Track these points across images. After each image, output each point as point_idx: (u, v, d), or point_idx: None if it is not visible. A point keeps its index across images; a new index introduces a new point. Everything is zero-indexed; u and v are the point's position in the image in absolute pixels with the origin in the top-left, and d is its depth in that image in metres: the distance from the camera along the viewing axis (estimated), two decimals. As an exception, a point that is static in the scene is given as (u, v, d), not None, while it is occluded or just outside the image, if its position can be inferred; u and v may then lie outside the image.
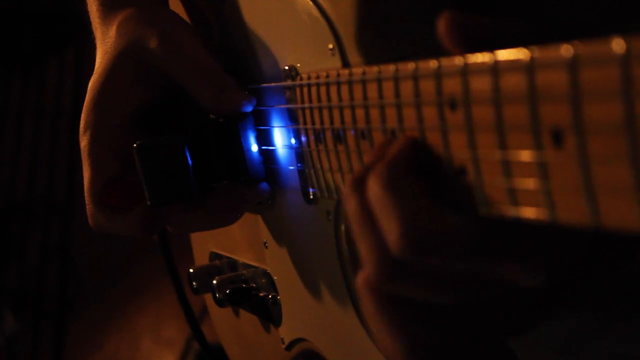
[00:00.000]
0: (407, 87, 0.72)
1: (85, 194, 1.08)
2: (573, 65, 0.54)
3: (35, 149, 3.63)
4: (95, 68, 1.09)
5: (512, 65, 0.60)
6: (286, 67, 0.97)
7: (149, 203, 1.03)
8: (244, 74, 1.07)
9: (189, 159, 1.03)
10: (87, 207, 1.08)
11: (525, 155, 0.60)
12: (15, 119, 3.67)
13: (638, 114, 0.50)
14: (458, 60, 0.66)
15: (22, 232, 3.66)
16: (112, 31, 1.09)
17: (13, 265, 3.57)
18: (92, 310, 3.21)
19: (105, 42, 1.09)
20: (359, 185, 0.73)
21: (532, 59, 0.58)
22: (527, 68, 0.58)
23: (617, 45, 0.51)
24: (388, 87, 0.75)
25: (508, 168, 0.62)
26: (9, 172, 3.77)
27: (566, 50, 0.54)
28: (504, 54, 0.61)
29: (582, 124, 0.54)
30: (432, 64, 0.69)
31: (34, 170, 3.66)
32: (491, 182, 0.64)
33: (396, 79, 0.74)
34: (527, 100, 0.58)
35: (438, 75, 0.68)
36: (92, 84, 1.08)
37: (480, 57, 0.63)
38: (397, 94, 0.74)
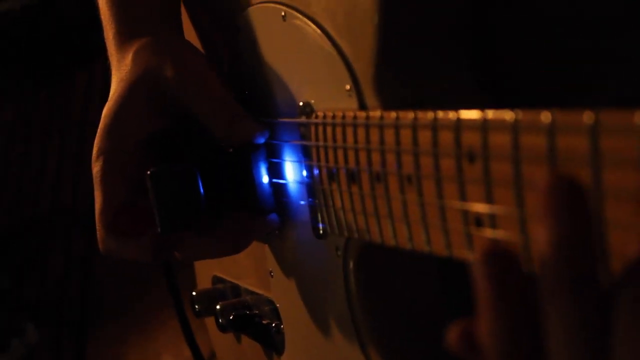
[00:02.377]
0: (425, 137, 0.74)
1: (96, 220, 1.09)
2: (594, 131, 0.55)
3: (60, 162, 3.64)
4: (110, 95, 1.11)
5: (533, 125, 0.61)
6: (301, 104, 0.99)
7: (159, 230, 1.05)
8: (257, 106, 1.09)
9: (200, 187, 1.04)
10: (97, 232, 1.10)
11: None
12: (42, 132, 3.68)
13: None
14: (478, 115, 0.67)
15: (45, 244, 3.66)
16: (128, 59, 1.10)
17: (35, 277, 3.58)
18: (113, 324, 3.22)
19: (120, 70, 1.11)
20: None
21: (553, 121, 0.59)
22: (549, 130, 0.59)
23: (638, 116, 0.52)
24: (406, 135, 0.77)
25: (523, 224, 0.63)
26: (34, 184, 3.78)
27: (588, 116, 0.56)
28: (525, 115, 0.62)
29: (601, 189, 0.56)
30: (452, 116, 0.70)
31: (58, 183, 3.67)
32: (507, 236, 0.65)
33: (414, 127, 0.75)
34: (547, 160, 0.60)
35: (457, 127, 0.69)
36: (106, 110, 1.10)
37: (500, 115, 0.65)
38: (415, 142, 0.75)
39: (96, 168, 1.09)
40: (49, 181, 3.61)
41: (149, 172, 1.04)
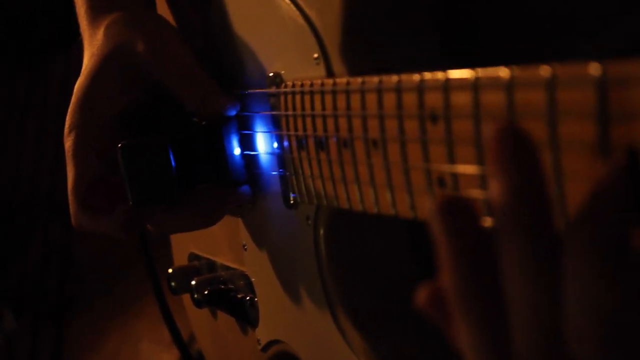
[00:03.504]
0: (390, 100, 0.75)
1: (69, 194, 1.10)
2: (550, 84, 0.56)
3: (38, 148, 3.61)
4: (82, 70, 1.11)
5: (493, 82, 0.62)
6: (271, 74, 0.99)
7: (131, 203, 1.05)
8: (229, 79, 1.09)
9: (172, 160, 1.04)
10: (70, 206, 1.10)
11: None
12: (20, 117, 3.66)
13: (613, 137, 0.52)
14: (440, 76, 0.68)
15: (23, 231, 3.65)
16: (100, 34, 1.10)
17: (13, 264, 3.57)
18: (92, 311, 3.21)
19: (92, 45, 1.11)
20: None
21: (512, 77, 0.60)
22: (507, 86, 0.60)
23: (594, 68, 0.53)
24: (371, 99, 0.77)
25: (484, 182, 0.64)
26: (11, 170, 3.76)
27: (544, 70, 0.57)
28: (485, 72, 0.63)
29: (557, 142, 0.57)
30: (415, 77, 0.71)
31: (37, 169, 3.64)
32: (467, 194, 0.66)
33: (379, 91, 0.76)
34: (506, 116, 0.60)
35: (420, 89, 0.70)
36: (78, 85, 1.10)
37: (461, 74, 0.65)
38: (380, 105, 0.76)
39: (68, 143, 1.10)
40: (27, 168, 3.60)
41: (120, 146, 1.04)
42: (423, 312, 0.62)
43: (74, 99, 1.10)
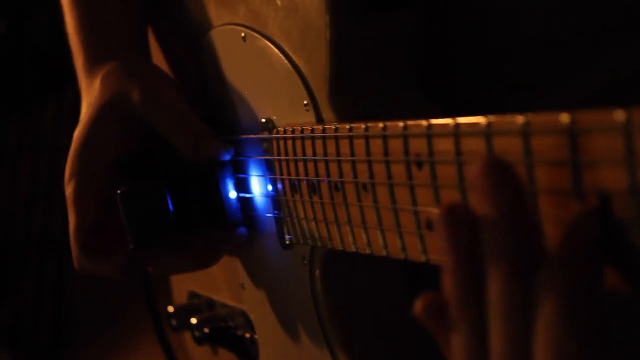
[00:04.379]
0: (377, 145, 0.78)
1: (71, 239, 1.13)
2: (525, 132, 0.60)
3: (32, 187, 3.63)
4: (80, 119, 1.15)
5: (472, 129, 0.65)
6: (263, 120, 1.03)
7: (131, 246, 1.08)
8: (223, 123, 1.13)
9: (169, 204, 1.08)
10: (72, 251, 1.13)
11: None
12: (13, 157, 3.68)
13: (585, 182, 0.56)
14: (423, 123, 0.71)
15: (17, 269, 3.66)
16: (96, 84, 1.14)
17: (7, 303, 3.57)
18: (87, 350, 3.21)
19: (89, 94, 1.15)
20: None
21: (489, 124, 0.63)
22: (486, 133, 0.63)
23: (564, 117, 0.56)
24: (359, 144, 0.81)
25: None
26: (5, 209, 3.77)
27: (520, 119, 0.60)
28: (464, 120, 0.66)
29: (534, 185, 0.60)
30: (399, 124, 0.74)
31: (30, 208, 3.66)
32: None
33: (366, 137, 0.79)
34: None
35: (405, 135, 0.74)
36: (76, 134, 1.14)
37: (443, 122, 0.69)
38: (368, 151, 0.79)
39: (69, 190, 1.13)
40: (21, 206, 3.61)
41: (119, 192, 1.07)
42: (420, 320, 0.65)
43: (72, 147, 1.14)
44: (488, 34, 0.95)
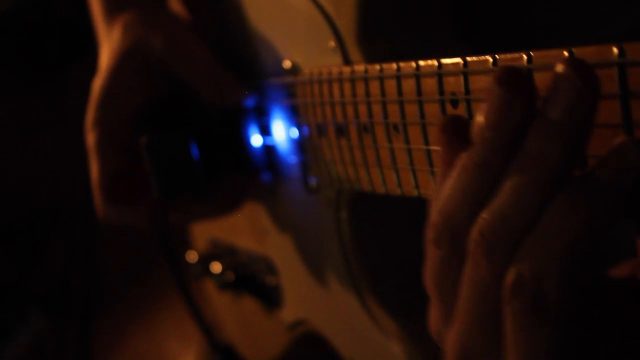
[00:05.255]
0: (409, 85, 0.77)
1: (94, 188, 1.13)
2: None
3: (59, 154, 3.63)
4: (100, 67, 1.14)
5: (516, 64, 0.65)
6: (288, 64, 1.02)
7: (156, 196, 1.08)
8: (246, 70, 1.12)
9: (195, 152, 1.07)
10: (95, 201, 1.13)
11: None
12: (38, 126, 3.68)
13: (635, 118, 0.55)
14: (459, 61, 0.71)
15: (47, 233, 3.68)
16: (117, 31, 1.13)
17: (38, 266, 3.59)
18: (118, 310, 3.23)
19: (110, 42, 1.14)
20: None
21: (530, 59, 0.63)
22: (527, 68, 0.63)
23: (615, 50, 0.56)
24: (390, 85, 0.80)
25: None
26: (32, 177, 3.77)
27: (564, 53, 0.60)
28: (504, 56, 0.66)
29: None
30: (433, 63, 0.74)
31: (57, 175, 3.66)
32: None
33: (398, 77, 0.79)
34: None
35: (440, 74, 0.73)
36: (97, 82, 1.13)
37: (481, 57, 0.68)
38: (400, 91, 0.79)
39: (90, 139, 1.13)
40: (48, 174, 3.62)
41: (143, 140, 1.07)
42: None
43: (93, 96, 1.13)
44: None
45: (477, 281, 0.59)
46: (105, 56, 1.15)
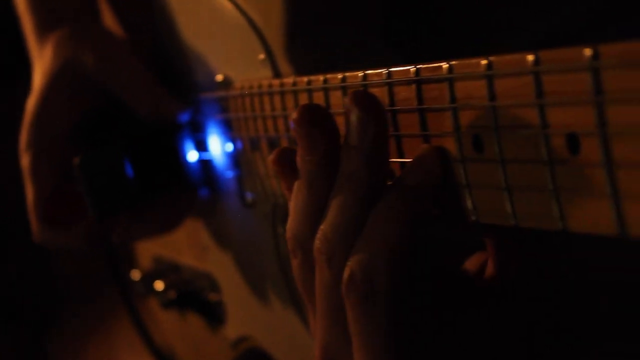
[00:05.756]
0: (336, 97, 0.76)
1: (29, 211, 1.11)
2: (489, 75, 0.58)
3: (11, 164, 3.56)
4: (33, 87, 1.12)
5: (434, 74, 0.64)
6: (220, 77, 1.01)
7: (92, 216, 1.06)
8: (180, 83, 1.11)
9: (129, 169, 1.06)
10: (31, 224, 1.11)
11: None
12: None
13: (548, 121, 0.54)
14: (383, 71, 0.70)
15: (3, 244, 3.62)
16: (48, 50, 1.11)
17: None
18: (73, 322, 3.20)
19: (41, 62, 1.12)
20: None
21: (450, 68, 0.62)
22: (448, 78, 0.62)
23: (529, 57, 0.55)
24: (319, 97, 0.79)
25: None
26: None
27: (484, 61, 0.59)
28: (425, 65, 0.65)
29: (499, 130, 0.59)
30: (359, 75, 0.73)
31: (9, 189, 3.60)
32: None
33: (325, 90, 0.78)
34: (449, 106, 0.63)
35: (365, 85, 0.72)
36: (30, 104, 1.11)
37: (403, 67, 0.67)
38: (328, 103, 0.78)
39: (25, 162, 1.11)
40: (3, 181, 3.56)
41: (76, 161, 1.05)
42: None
43: (26, 117, 1.11)
44: None
45: (323, 283, 0.67)
46: (38, 76, 1.13)
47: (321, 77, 0.79)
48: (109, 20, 1.25)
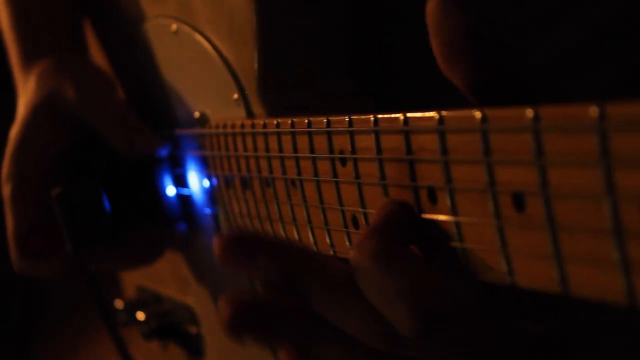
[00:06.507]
0: (303, 142, 0.77)
1: (9, 242, 1.11)
2: (440, 130, 0.59)
3: None
4: (16, 118, 1.13)
5: (391, 125, 0.64)
6: (197, 114, 1.01)
7: (69, 248, 1.07)
8: (160, 118, 1.11)
9: (105, 202, 1.06)
10: (11, 254, 1.11)
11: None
12: None
13: (495, 179, 0.55)
14: (345, 118, 0.70)
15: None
16: (32, 81, 1.12)
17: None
18: (55, 339, 3.19)
19: (25, 92, 1.13)
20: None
21: (406, 120, 0.62)
22: (404, 130, 0.62)
23: (477, 114, 0.55)
24: (287, 140, 0.80)
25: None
26: None
27: (434, 115, 0.59)
28: (383, 115, 0.65)
29: (452, 185, 0.59)
30: (323, 120, 0.73)
31: None
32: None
33: (293, 133, 0.78)
34: (406, 159, 0.63)
35: (329, 132, 0.72)
36: (12, 134, 1.12)
37: (363, 116, 0.68)
38: (295, 147, 0.78)
39: (6, 192, 1.11)
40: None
41: (53, 193, 1.05)
42: None
43: (8, 148, 1.12)
44: (423, 29, 0.93)
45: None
46: (21, 107, 1.14)
47: (289, 120, 0.79)
48: (95, 53, 1.26)
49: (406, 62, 0.94)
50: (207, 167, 1.00)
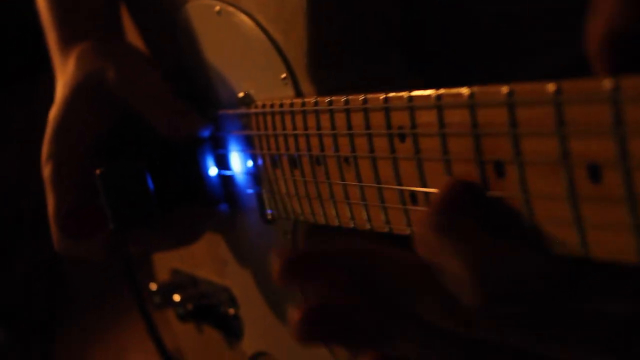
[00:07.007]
0: (358, 119, 0.77)
1: (50, 221, 1.12)
2: (510, 103, 0.59)
3: (27, 163, 3.57)
4: (55, 99, 1.13)
5: (455, 100, 0.64)
6: (241, 95, 1.01)
7: (112, 227, 1.07)
8: (202, 99, 1.11)
9: (150, 182, 1.06)
10: (52, 233, 1.12)
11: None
12: (5, 134, 3.64)
13: (570, 151, 0.55)
14: (405, 94, 0.70)
15: (9, 246, 3.63)
16: (71, 63, 1.12)
17: (2, 277, 3.55)
18: (81, 325, 3.21)
19: (64, 74, 1.13)
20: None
21: (471, 95, 0.62)
22: (469, 104, 0.62)
23: (551, 87, 0.55)
24: (340, 118, 0.80)
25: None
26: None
27: (504, 89, 0.59)
28: (446, 91, 0.65)
29: (520, 156, 0.59)
30: (380, 97, 0.73)
31: (23, 185, 3.62)
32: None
33: (347, 111, 0.78)
34: (471, 133, 0.63)
35: (386, 108, 0.72)
36: (52, 115, 1.12)
37: (424, 92, 0.68)
38: (349, 125, 0.78)
39: (46, 172, 1.12)
40: (13, 184, 3.58)
41: (97, 172, 1.06)
42: None
43: (48, 128, 1.12)
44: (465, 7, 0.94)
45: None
46: (60, 88, 1.14)
47: (343, 98, 0.79)
48: (132, 36, 1.26)
49: (457, 42, 0.94)
50: (251, 147, 1.00)
